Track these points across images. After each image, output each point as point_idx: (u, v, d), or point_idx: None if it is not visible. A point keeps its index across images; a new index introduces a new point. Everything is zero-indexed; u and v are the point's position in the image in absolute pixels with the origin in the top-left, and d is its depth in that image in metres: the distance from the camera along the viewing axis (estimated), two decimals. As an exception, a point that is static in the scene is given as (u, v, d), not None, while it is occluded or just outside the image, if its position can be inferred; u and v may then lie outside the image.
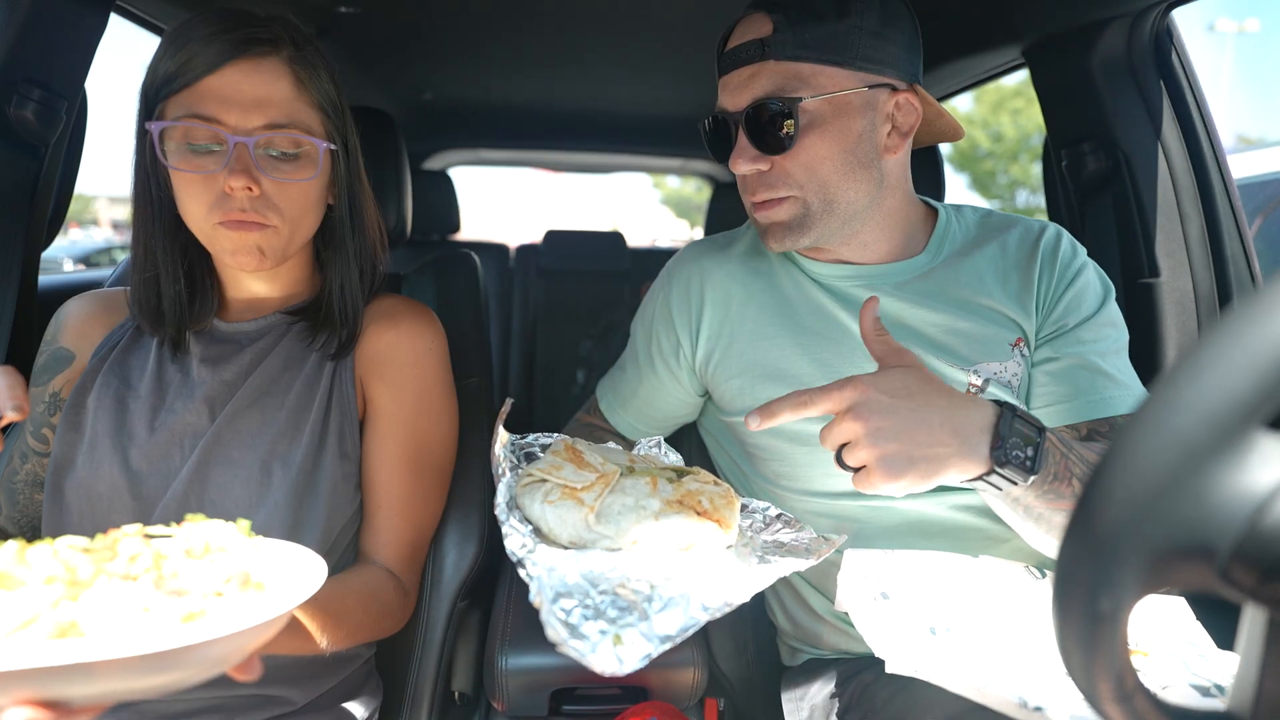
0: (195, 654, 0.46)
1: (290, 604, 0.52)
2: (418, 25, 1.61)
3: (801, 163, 0.88)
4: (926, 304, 0.94)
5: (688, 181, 25.29)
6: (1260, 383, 0.31)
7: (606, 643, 0.57)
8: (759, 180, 0.90)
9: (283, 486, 0.84)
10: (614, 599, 0.63)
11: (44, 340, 0.92)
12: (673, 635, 0.59)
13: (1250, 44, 56.17)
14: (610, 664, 0.56)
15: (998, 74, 1.53)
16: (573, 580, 0.65)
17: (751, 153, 0.88)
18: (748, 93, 0.87)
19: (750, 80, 0.87)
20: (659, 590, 0.65)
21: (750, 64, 0.87)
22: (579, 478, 0.76)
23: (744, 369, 0.98)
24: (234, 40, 0.79)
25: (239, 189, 0.79)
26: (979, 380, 0.86)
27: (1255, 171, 2.13)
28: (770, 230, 0.93)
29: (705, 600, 0.63)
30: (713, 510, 0.75)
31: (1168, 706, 0.38)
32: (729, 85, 0.90)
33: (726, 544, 0.76)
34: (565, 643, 0.57)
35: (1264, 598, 0.34)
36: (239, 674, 0.56)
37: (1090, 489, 0.35)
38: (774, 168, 0.89)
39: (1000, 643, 0.68)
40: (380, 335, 0.95)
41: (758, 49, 0.87)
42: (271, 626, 0.52)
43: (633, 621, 0.60)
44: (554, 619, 0.59)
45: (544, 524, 0.74)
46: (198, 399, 0.86)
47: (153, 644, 0.44)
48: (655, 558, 0.72)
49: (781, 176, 0.89)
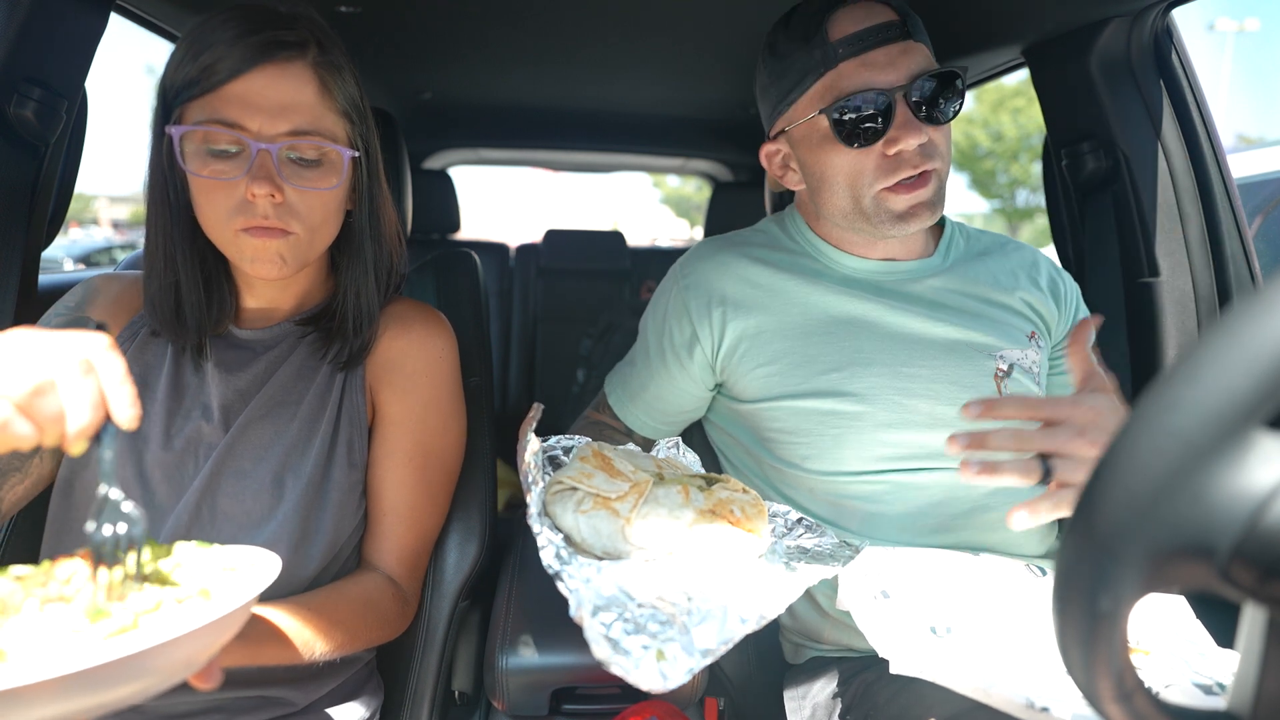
0: (128, 668, 0.46)
1: (220, 612, 0.51)
2: (418, 25, 1.61)
3: (946, 135, 0.94)
4: (949, 296, 1.00)
5: (688, 181, 25.29)
6: (1260, 382, 0.31)
7: (650, 658, 0.57)
8: (920, 153, 0.91)
9: (293, 498, 0.83)
10: (654, 612, 0.63)
11: (62, 303, 0.89)
12: (713, 649, 0.59)
13: (1250, 44, 56.18)
14: (656, 681, 0.56)
15: (998, 74, 1.53)
16: (609, 592, 0.65)
17: (918, 124, 0.90)
18: (904, 67, 0.90)
19: (903, 55, 0.90)
20: (696, 603, 0.64)
21: (897, 41, 0.90)
22: (611, 486, 0.75)
23: (774, 356, 0.99)
24: (259, 44, 0.76)
25: (262, 196, 0.77)
26: (1005, 365, 0.91)
27: (1255, 171, 2.13)
28: (914, 211, 0.93)
29: (742, 613, 0.63)
30: (745, 519, 0.75)
31: (1168, 705, 0.38)
32: (874, 63, 0.90)
33: (758, 553, 0.76)
34: (610, 661, 0.57)
35: (1264, 597, 0.34)
36: (198, 682, 0.56)
37: (1090, 488, 0.35)
38: (929, 141, 0.92)
39: (1003, 642, 0.68)
40: (392, 342, 0.94)
41: (900, 29, 0.90)
42: (207, 634, 0.51)
43: (674, 636, 0.60)
44: (597, 634, 0.58)
45: (577, 534, 0.74)
46: (212, 407, 0.86)
47: (76, 663, 0.43)
48: (689, 568, 0.71)
49: (933, 149, 0.92)
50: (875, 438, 0.95)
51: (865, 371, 0.96)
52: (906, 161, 0.91)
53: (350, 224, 0.90)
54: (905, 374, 0.95)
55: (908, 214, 0.93)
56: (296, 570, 0.83)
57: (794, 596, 0.68)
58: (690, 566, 0.72)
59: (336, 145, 0.81)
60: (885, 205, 0.93)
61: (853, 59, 0.90)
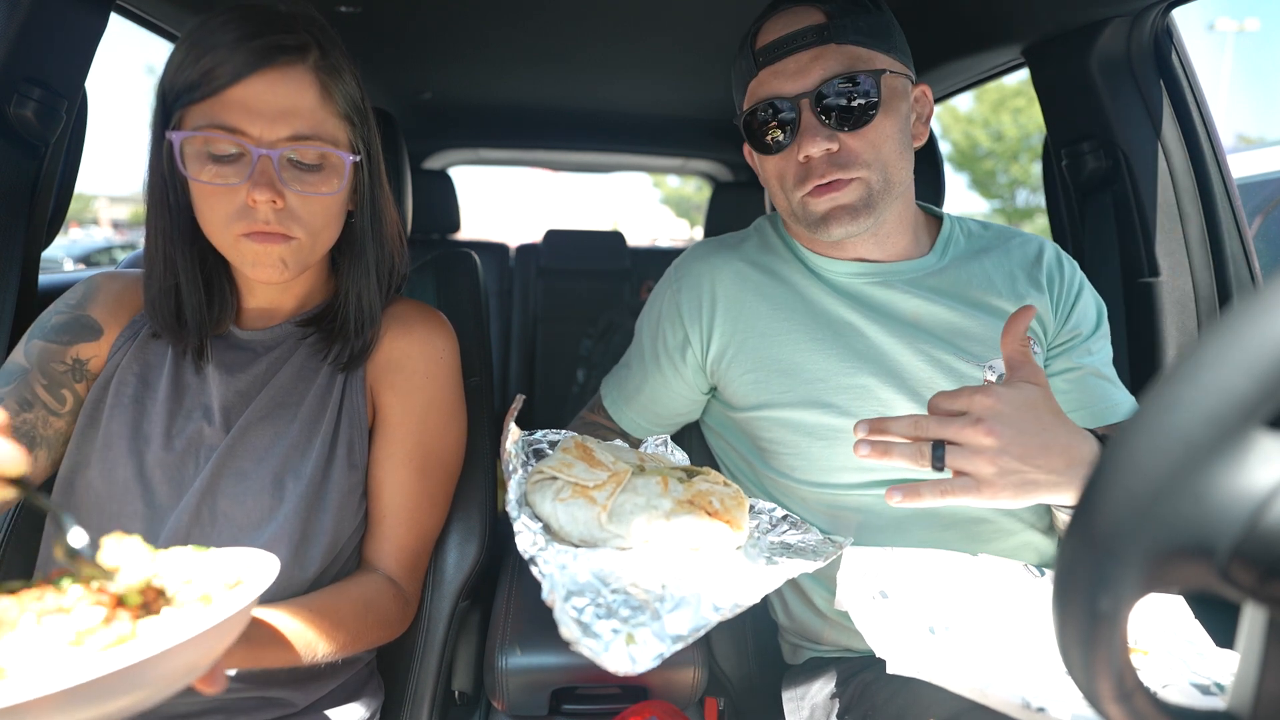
0: (128, 678, 0.45)
1: (218, 618, 0.51)
2: (418, 25, 1.61)
3: (869, 141, 0.90)
4: (939, 301, 0.97)
5: (688, 181, 25.30)
6: (1260, 382, 0.31)
7: (619, 642, 0.57)
8: (828, 161, 0.90)
9: (293, 499, 0.83)
10: (626, 598, 0.63)
11: (63, 300, 0.89)
12: (684, 635, 0.59)
13: (1250, 44, 56.18)
14: (623, 663, 0.56)
15: (998, 73, 1.53)
16: (584, 579, 0.65)
17: (824, 132, 0.89)
18: (815, 73, 0.89)
19: (814, 63, 0.89)
20: (670, 590, 0.65)
21: (810, 48, 0.89)
22: (591, 476, 0.76)
23: (758, 364, 0.99)
24: (260, 48, 0.76)
25: (263, 202, 0.77)
26: (992, 376, 0.89)
27: (1255, 171, 2.13)
28: (833, 215, 0.92)
29: (716, 601, 0.63)
30: (723, 511, 0.75)
31: (1167, 705, 0.38)
32: (784, 71, 0.90)
33: (736, 544, 0.76)
34: (579, 641, 0.57)
35: (1264, 597, 0.34)
36: (203, 686, 0.56)
37: (1090, 488, 0.35)
38: (842, 148, 0.90)
39: (1001, 643, 0.68)
40: (393, 343, 0.94)
41: (816, 34, 0.89)
42: (207, 640, 0.50)
43: (645, 621, 0.60)
44: (567, 617, 0.59)
45: (555, 522, 0.74)
46: (213, 408, 0.86)
47: (76, 676, 0.43)
48: (666, 557, 0.72)
49: (850, 156, 0.90)
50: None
51: (849, 383, 0.95)
52: (814, 170, 0.91)
53: (352, 225, 0.90)
54: (889, 387, 0.94)
55: (828, 216, 0.92)
56: (297, 572, 0.83)
57: (771, 587, 0.68)
58: (666, 555, 0.72)
59: (337, 149, 0.81)
60: (808, 209, 0.93)
61: (768, 67, 0.91)
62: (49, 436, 0.84)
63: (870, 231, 0.96)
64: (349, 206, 0.89)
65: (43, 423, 0.84)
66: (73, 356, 0.86)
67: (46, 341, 0.86)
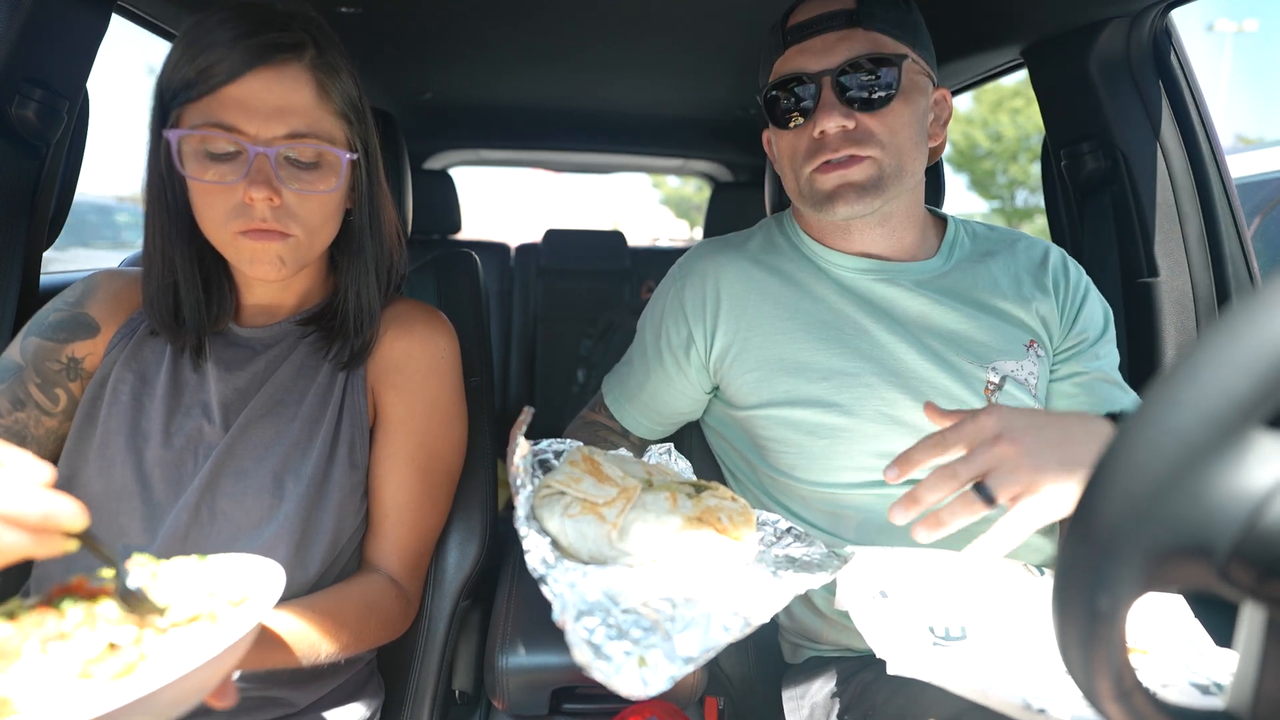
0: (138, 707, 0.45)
1: (227, 641, 0.50)
2: (418, 25, 1.61)
3: (886, 123, 0.91)
4: (944, 302, 0.97)
5: (688, 181, 25.28)
6: (1259, 382, 0.31)
7: (631, 664, 0.57)
8: (843, 137, 0.91)
9: (293, 499, 0.83)
10: (637, 618, 0.63)
11: (62, 298, 0.89)
12: (695, 657, 0.59)
13: (1250, 44, 56.19)
14: (636, 687, 0.55)
15: (997, 74, 1.53)
16: (594, 597, 0.65)
17: (841, 109, 0.90)
18: (839, 53, 0.91)
19: (839, 43, 0.91)
20: (680, 610, 0.64)
21: (838, 30, 0.91)
22: (599, 492, 0.75)
23: (761, 363, 0.99)
24: (256, 46, 0.76)
25: (260, 200, 0.77)
26: (996, 378, 0.89)
27: (1254, 171, 2.13)
28: (840, 193, 0.93)
29: (725, 621, 0.63)
30: (731, 527, 0.75)
31: (1167, 705, 0.38)
32: (810, 49, 0.92)
33: (745, 561, 0.76)
34: (591, 665, 0.56)
35: (1263, 596, 0.34)
36: (214, 701, 0.56)
37: (1090, 488, 0.35)
38: (859, 126, 0.91)
39: (1001, 643, 0.68)
40: (394, 343, 0.94)
41: (845, 18, 0.91)
42: (216, 663, 0.50)
43: (656, 642, 0.59)
44: (579, 639, 0.58)
45: (564, 538, 0.74)
46: (212, 406, 0.86)
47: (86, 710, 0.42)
48: (674, 574, 0.71)
49: (866, 134, 0.91)
50: (864, 449, 0.94)
51: (852, 382, 0.95)
52: (828, 145, 0.92)
53: (350, 223, 0.90)
54: (893, 386, 0.94)
55: (835, 194, 0.93)
56: (298, 572, 0.83)
57: (779, 606, 0.68)
58: (676, 573, 0.71)
59: (334, 147, 0.81)
60: (815, 185, 0.95)
61: (795, 45, 0.94)
62: (40, 436, 0.84)
63: (877, 220, 0.96)
64: (347, 204, 0.89)
65: (35, 422, 0.84)
66: (68, 355, 0.86)
67: (42, 339, 0.86)
